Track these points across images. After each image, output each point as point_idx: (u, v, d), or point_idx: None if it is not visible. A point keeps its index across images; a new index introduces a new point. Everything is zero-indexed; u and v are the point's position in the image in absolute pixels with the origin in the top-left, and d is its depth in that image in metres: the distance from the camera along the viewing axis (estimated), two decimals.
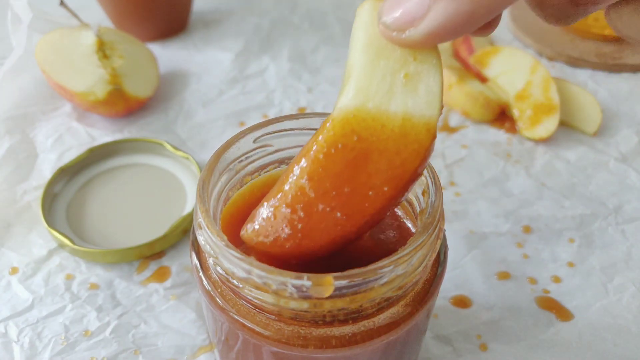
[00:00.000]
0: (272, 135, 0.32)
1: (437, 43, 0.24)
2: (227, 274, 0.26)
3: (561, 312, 0.43)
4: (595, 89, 0.66)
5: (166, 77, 0.67)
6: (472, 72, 0.64)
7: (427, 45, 0.24)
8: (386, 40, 0.25)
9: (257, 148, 0.32)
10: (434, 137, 0.25)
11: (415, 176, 0.26)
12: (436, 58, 0.25)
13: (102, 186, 0.52)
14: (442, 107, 0.26)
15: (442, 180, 0.54)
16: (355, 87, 0.25)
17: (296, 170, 0.26)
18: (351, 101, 0.25)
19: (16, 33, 0.60)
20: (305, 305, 0.25)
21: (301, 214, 0.26)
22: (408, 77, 0.25)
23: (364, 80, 0.25)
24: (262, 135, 0.32)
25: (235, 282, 0.26)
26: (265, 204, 0.27)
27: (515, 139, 0.59)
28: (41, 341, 0.41)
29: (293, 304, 0.25)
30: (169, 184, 0.53)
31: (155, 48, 0.71)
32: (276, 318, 0.27)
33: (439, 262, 0.30)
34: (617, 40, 0.71)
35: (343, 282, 0.24)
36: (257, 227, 0.27)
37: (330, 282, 0.24)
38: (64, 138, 0.58)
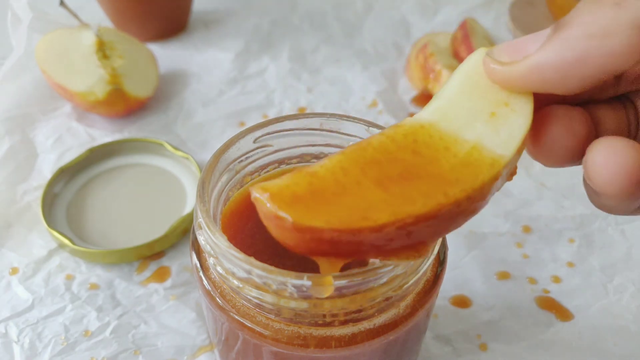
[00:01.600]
0: (272, 135, 0.32)
1: (536, 85, 0.22)
2: (227, 274, 0.26)
3: (561, 312, 0.43)
4: None
5: (166, 77, 0.67)
6: None
7: (525, 84, 0.23)
8: (486, 72, 0.24)
9: (257, 148, 0.32)
10: (496, 178, 0.23)
11: (457, 214, 0.22)
12: (529, 111, 0.24)
13: (102, 186, 0.52)
14: (518, 154, 0.23)
15: None
16: (437, 106, 0.24)
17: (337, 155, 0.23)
18: (427, 115, 0.24)
19: (16, 33, 0.60)
20: (305, 305, 0.25)
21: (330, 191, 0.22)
22: (494, 116, 0.24)
23: (448, 105, 0.24)
24: (262, 135, 0.32)
25: (235, 282, 0.26)
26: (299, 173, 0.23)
27: None
28: (41, 341, 0.41)
29: (293, 304, 0.25)
30: (169, 184, 0.53)
31: (155, 48, 0.71)
32: (276, 318, 0.27)
33: (439, 262, 0.30)
34: None
35: (343, 282, 0.24)
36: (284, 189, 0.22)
37: (330, 282, 0.24)
38: (64, 138, 0.58)
